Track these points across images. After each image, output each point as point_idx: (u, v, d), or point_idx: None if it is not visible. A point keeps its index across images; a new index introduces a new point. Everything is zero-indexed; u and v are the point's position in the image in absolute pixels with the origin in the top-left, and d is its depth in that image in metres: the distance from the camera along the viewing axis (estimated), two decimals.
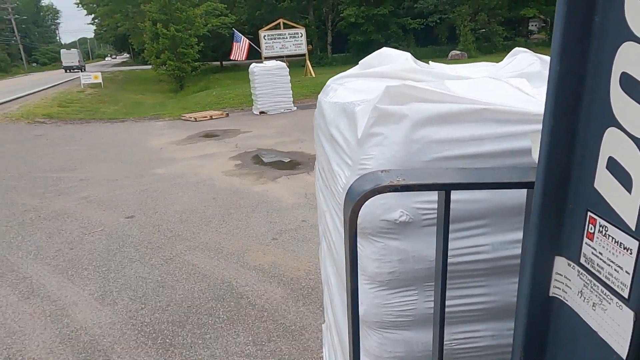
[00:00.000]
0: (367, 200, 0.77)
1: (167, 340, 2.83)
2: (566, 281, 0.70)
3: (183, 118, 13.45)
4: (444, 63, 1.67)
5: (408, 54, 1.50)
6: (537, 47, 25.52)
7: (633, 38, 0.53)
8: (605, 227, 0.61)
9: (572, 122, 0.63)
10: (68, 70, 44.60)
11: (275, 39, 21.18)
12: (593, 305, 0.65)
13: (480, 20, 33.97)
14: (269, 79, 12.54)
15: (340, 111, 1.27)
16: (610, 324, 0.61)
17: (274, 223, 4.64)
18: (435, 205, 0.87)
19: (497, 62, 1.57)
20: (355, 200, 0.76)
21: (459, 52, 29.94)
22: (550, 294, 0.73)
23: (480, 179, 0.79)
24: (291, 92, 13.07)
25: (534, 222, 0.70)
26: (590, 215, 0.64)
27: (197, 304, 3.22)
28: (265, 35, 20.99)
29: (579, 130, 0.63)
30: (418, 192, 0.94)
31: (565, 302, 0.71)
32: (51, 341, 2.87)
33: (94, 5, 41.36)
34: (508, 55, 1.53)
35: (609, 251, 0.61)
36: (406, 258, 1.02)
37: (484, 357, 1.11)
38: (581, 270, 0.67)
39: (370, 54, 1.63)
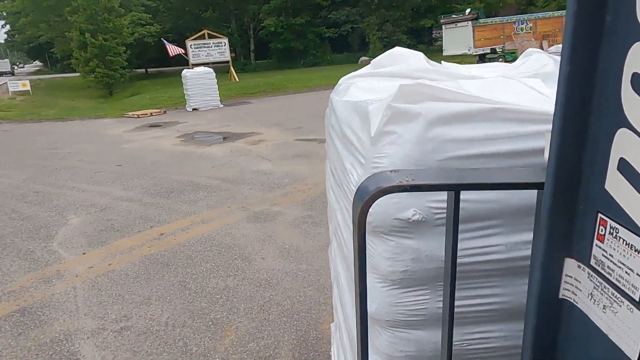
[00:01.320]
0: (376, 200, 0.77)
1: (165, 196, 6.09)
2: (576, 283, 0.69)
3: (126, 116, 16.00)
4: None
5: (420, 54, 1.49)
6: (435, 53, 29.55)
7: None
8: (616, 229, 0.60)
9: (583, 122, 0.62)
10: (1, 75, 56.11)
11: (201, 47, 23.48)
12: (603, 308, 0.64)
13: (386, 30, 37.84)
14: (199, 81, 15.60)
15: (352, 110, 1.27)
16: (621, 326, 0.60)
17: (211, 163, 7.89)
18: None
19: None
20: (364, 200, 0.77)
21: (367, 58, 33.82)
22: (560, 296, 0.72)
23: (490, 179, 0.79)
24: (218, 92, 16.21)
25: (544, 223, 0.69)
26: (600, 217, 0.62)
27: (177, 187, 6.45)
28: (191, 45, 23.27)
29: (590, 131, 0.62)
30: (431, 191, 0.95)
31: (576, 304, 0.69)
32: (107, 201, 6.01)
33: (4, 13, 41.40)
34: (522, 55, 1.53)
35: (620, 253, 0.60)
36: (419, 257, 1.02)
37: (495, 358, 1.12)
38: (591, 272, 0.65)
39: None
